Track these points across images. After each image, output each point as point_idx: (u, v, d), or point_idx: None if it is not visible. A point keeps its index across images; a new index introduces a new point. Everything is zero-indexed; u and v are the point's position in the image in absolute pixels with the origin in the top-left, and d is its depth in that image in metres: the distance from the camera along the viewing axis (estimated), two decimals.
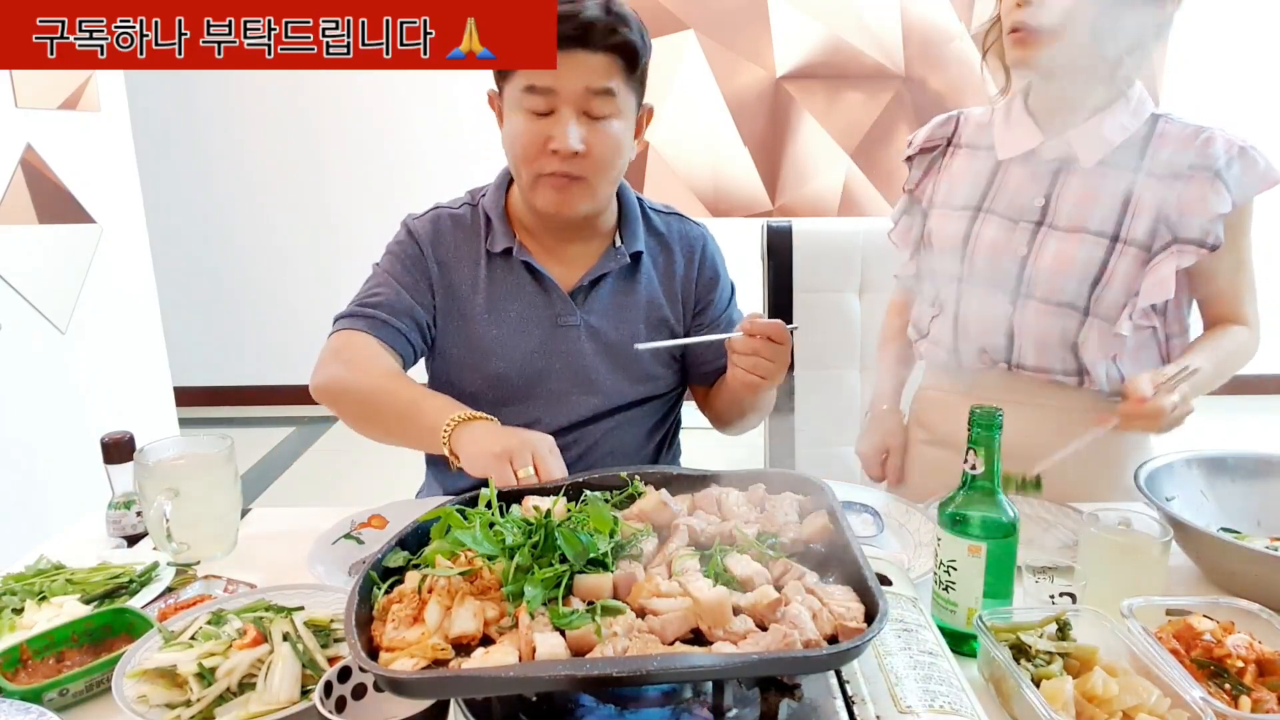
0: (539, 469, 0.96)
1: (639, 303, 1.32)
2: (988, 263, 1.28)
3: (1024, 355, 1.28)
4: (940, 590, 0.88)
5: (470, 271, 1.29)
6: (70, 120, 2.54)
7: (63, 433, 2.44)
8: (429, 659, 0.65)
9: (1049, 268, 1.23)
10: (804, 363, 1.69)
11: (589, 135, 1.17)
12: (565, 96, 1.15)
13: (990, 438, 0.85)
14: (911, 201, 1.42)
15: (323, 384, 1.21)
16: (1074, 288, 1.22)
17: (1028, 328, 1.26)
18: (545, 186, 1.21)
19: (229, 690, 0.78)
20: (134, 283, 2.82)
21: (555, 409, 1.30)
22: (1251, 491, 1.13)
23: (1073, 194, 1.23)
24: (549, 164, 1.18)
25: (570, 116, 1.16)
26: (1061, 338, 1.25)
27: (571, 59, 1.14)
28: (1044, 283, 1.23)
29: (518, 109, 1.18)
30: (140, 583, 0.99)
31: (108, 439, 1.13)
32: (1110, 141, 1.21)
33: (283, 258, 4.26)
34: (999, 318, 1.28)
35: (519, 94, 1.17)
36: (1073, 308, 1.23)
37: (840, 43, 3.97)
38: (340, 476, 3.62)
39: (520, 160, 1.21)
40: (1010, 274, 1.26)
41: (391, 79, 4.00)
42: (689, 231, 1.39)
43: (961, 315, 1.32)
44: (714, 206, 4.13)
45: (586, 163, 1.18)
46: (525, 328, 1.28)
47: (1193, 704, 0.71)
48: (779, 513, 0.85)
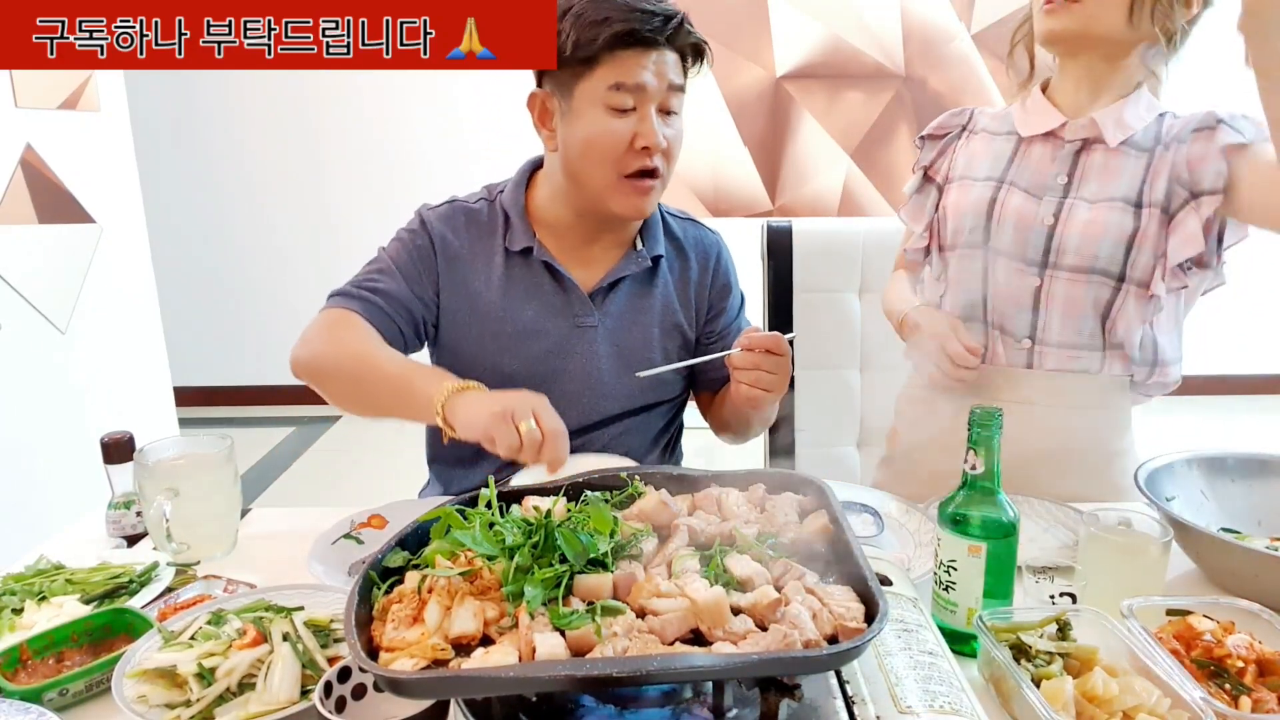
0: (540, 421, 0.94)
1: (655, 306, 1.33)
2: (1013, 231, 1.27)
3: (1049, 330, 1.27)
4: (940, 590, 0.88)
5: (484, 268, 1.28)
6: (70, 120, 2.54)
7: (63, 433, 2.44)
8: (429, 659, 0.65)
9: (1080, 234, 1.22)
10: (804, 363, 1.69)
11: (668, 131, 1.20)
12: (652, 93, 1.17)
13: (990, 438, 0.85)
14: (925, 179, 1.42)
15: (306, 358, 1.18)
16: (1108, 253, 1.22)
17: (1056, 299, 1.25)
18: (627, 190, 1.20)
19: (229, 690, 0.77)
20: (134, 283, 2.82)
21: (565, 410, 1.29)
22: (1251, 491, 1.13)
23: (1095, 171, 1.25)
24: (633, 162, 1.18)
25: (654, 113, 1.18)
26: (1094, 308, 1.25)
27: (658, 56, 1.16)
28: (1074, 251, 1.23)
29: (597, 106, 1.17)
30: (140, 583, 0.99)
31: (108, 439, 1.13)
32: (1130, 126, 1.24)
33: (283, 258, 4.26)
34: (1024, 289, 1.27)
35: (603, 92, 1.16)
36: (1106, 275, 1.23)
37: (840, 43, 3.97)
38: (340, 476, 3.62)
39: (601, 160, 1.19)
40: (1037, 245, 1.25)
41: (391, 79, 4.00)
42: (704, 238, 1.40)
43: (985, 287, 1.31)
44: (714, 206, 4.13)
45: (664, 158, 1.21)
46: (541, 327, 1.27)
47: (1193, 704, 0.71)
48: (779, 513, 0.85)
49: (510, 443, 0.92)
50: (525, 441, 0.92)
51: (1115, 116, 1.24)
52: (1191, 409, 4.15)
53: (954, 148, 1.39)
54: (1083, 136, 1.26)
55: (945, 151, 1.40)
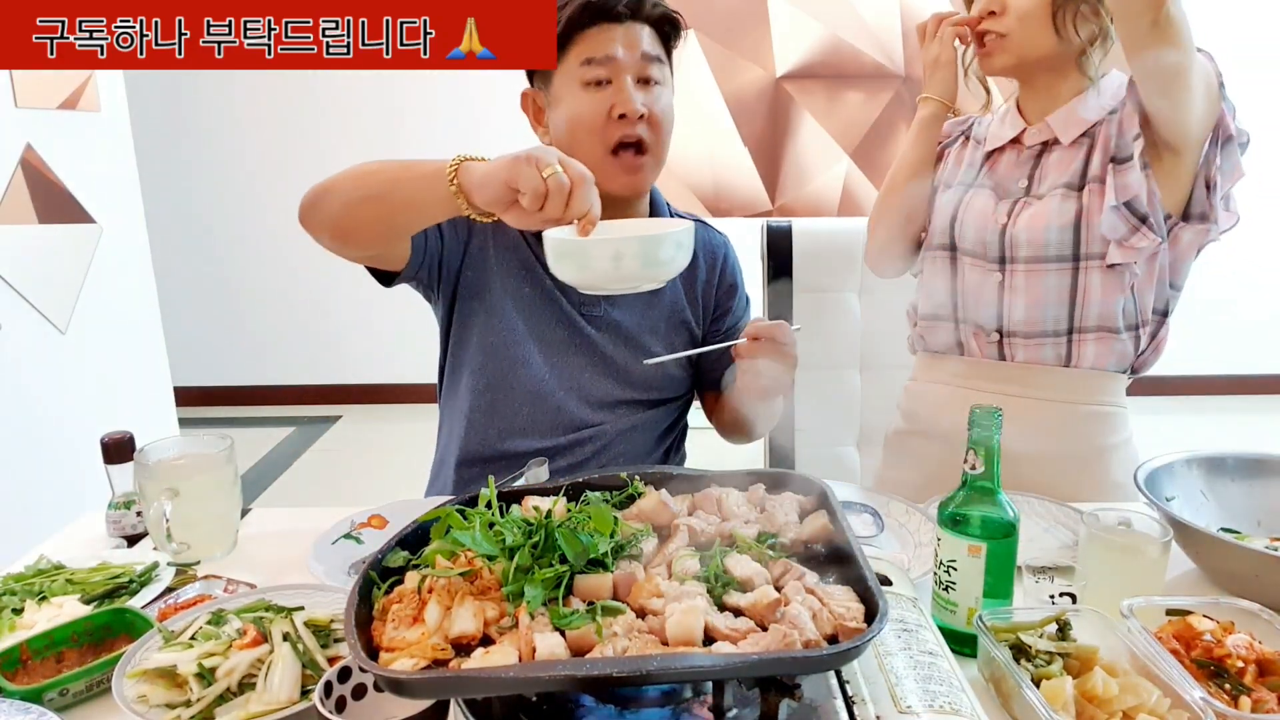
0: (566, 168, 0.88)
1: (663, 302, 1.34)
2: (974, 232, 1.33)
3: (1014, 321, 1.31)
4: (940, 590, 0.88)
5: (501, 256, 1.29)
6: (70, 120, 2.54)
7: (63, 433, 2.44)
8: (429, 659, 0.65)
9: (1027, 227, 1.28)
10: (804, 363, 1.67)
11: (648, 100, 1.21)
12: (625, 64, 1.19)
13: (990, 437, 0.85)
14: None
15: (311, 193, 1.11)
16: (1056, 239, 1.26)
17: (1018, 291, 1.30)
18: (615, 167, 1.21)
19: (229, 690, 0.78)
20: (134, 283, 2.82)
21: (575, 401, 1.30)
22: (1251, 491, 1.13)
23: (1051, 168, 1.30)
24: (615, 132, 1.20)
25: (630, 83, 1.19)
26: (1056, 294, 1.28)
27: (625, 29, 1.19)
28: (1025, 244, 1.28)
29: (574, 85, 1.20)
30: (140, 583, 0.99)
31: (108, 439, 1.13)
32: (1086, 120, 1.28)
33: (283, 258, 4.26)
34: (988, 285, 1.32)
35: (577, 69, 1.19)
36: (1060, 260, 1.27)
37: (840, 43, 3.97)
38: (340, 476, 3.62)
39: (586, 135, 1.20)
40: (994, 244, 1.31)
41: (392, 79, 4.00)
42: (712, 239, 1.41)
43: (956, 288, 1.37)
44: (714, 206, 4.13)
45: (650, 129, 1.21)
46: (552, 318, 1.29)
47: (1193, 704, 0.71)
48: (779, 513, 0.85)
49: (535, 186, 0.87)
50: (551, 187, 0.87)
51: (1067, 116, 1.29)
52: (1191, 409, 4.15)
53: (949, 153, 1.45)
54: (1041, 140, 1.32)
55: (943, 157, 1.46)
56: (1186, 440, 1.18)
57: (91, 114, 2.62)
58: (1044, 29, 1.22)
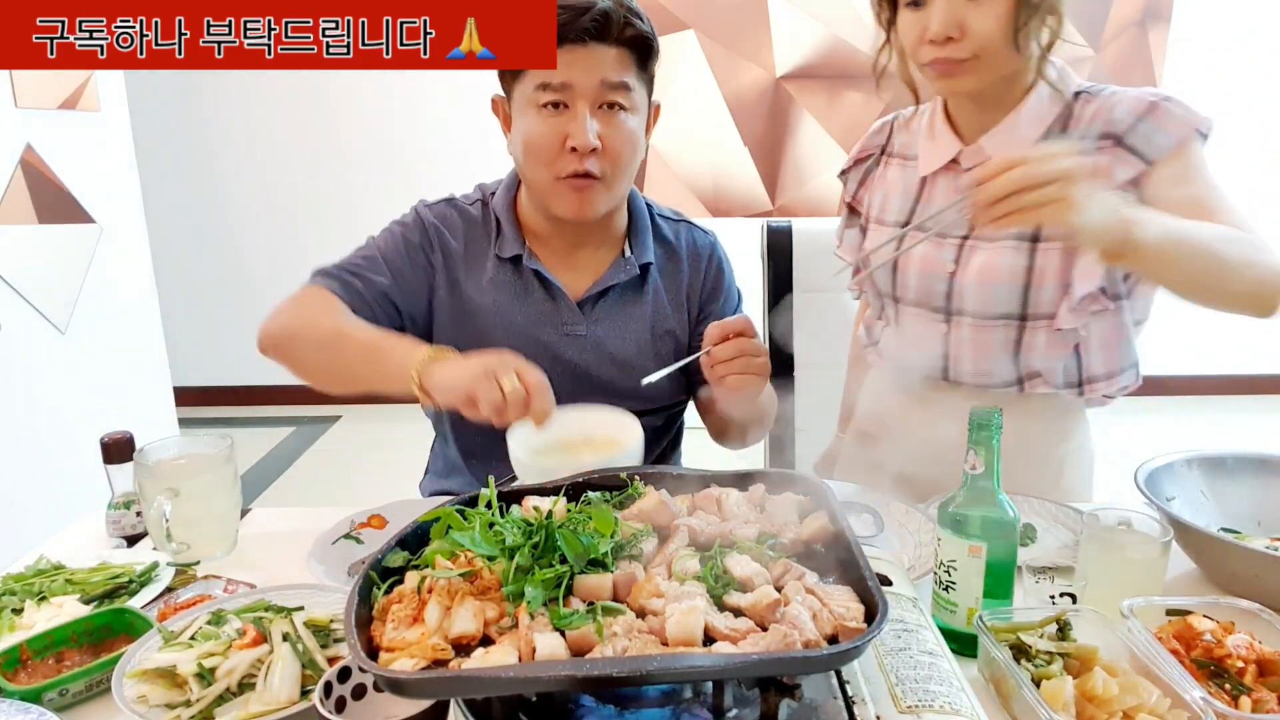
0: (523, 377, 0.93)
1: (645, 313, 1.32)
2: (918, 280, 1.24)
3: (960, 372, 1.25)
4: (940, 590, 0.88)
5: (476, 272, 1.28)
6: (70, 120, 2.54)
7: (63, 433, 2.44)
8: (429, 659, 0.65)
9: (975, 281, 1.19)
10: (804, 363, 1.69)
11: (605, 131, 1.16)
12: (581, 91, 1.14)
13: (990, 437, 0.85)
14: (851, 215, 1.40)
15: (274, 329, 1.16)
16: (1005, 297, 1.18)
17: (963, 344, 1.23)
18: (563, 190, 1.18)
19: (229, 690, 0.78)
20: (134, 283, 2.82)
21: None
22: (1251, 491, 1.13)
23: None
24: (567, 164, 1.16)
25: (585, 112, 1.14)
26: (1003, 348, 1.21)
27: (586, 52, 1.12)
28: (973, 298, 1.20)
29: (530, 107, 1.16)
30: (140, 583, 0.99)
31: (108, 439, 1.13)
32: (1028, 138, 1.17)
33: (283, 257, 4.25)
34: (933, 336, 1.25)
35: (531, 91, 1.15)
36: (1008, 318, 1.19)
37: (840, 43, 3.97)
38: (340, 476, 3.62)
39: (535, 162, 1.18)
40: (940, 292, 1.23)
41: (392, 79, 4.00)
42: (697, 240, 1.38)
43: (899, 333, 1.30)
44: (714, 206, 4.13)
45: (604, 160, 1.16)
46: (531, 335, 1.27)
47: (1193, 704, 0.71)
48: (779, 513, 0.85)
49: (494, 400, 0.91)
50: (510, 398, 0.91)
51: (1010, 133, 1.17)
52: (1191, 409, 4.15)
53: (873, 176, 1.36)
54: (979, 162, 1.19)
55: (865, 182, 1.37)
56: (1186, 440, 1.17)
57: (91, 114, 2.62)
58: (1007, 46, 1.10)
